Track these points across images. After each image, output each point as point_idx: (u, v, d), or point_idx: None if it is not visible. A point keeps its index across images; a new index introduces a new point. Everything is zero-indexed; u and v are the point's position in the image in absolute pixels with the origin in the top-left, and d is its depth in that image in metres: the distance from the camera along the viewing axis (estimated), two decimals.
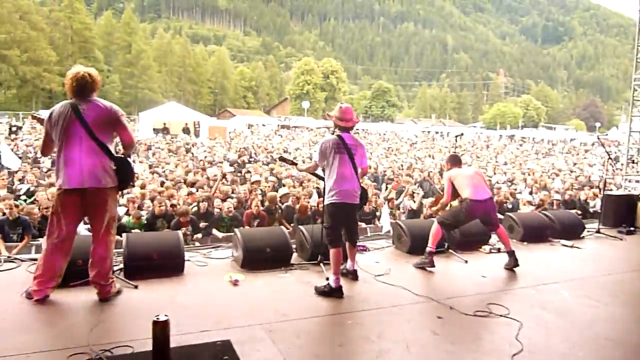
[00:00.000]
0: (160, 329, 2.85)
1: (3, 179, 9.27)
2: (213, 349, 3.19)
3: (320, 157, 4.66)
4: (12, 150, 14.38)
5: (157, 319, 2.86)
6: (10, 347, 3.21)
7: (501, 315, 4.11)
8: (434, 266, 5.43)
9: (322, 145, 4.65)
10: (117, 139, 4.09)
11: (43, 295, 3.92)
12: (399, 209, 9.78)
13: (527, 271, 5.54)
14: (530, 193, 12.13)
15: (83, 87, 3.85)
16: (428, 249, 5.49)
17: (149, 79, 67.35)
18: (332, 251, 4.54)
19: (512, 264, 5.54)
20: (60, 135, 3.81)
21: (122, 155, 4.03)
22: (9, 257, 5.27)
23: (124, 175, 3.96)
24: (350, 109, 4.76)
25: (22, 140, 19.13)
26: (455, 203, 5.85)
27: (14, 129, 24.19)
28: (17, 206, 6.96)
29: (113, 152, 3.93)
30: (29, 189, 9.35)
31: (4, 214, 6.86)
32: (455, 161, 5.84)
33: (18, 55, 51.33)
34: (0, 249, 6.35)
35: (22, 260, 5.08)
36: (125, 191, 7.82)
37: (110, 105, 3.93)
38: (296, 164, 5.55)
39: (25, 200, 8.42)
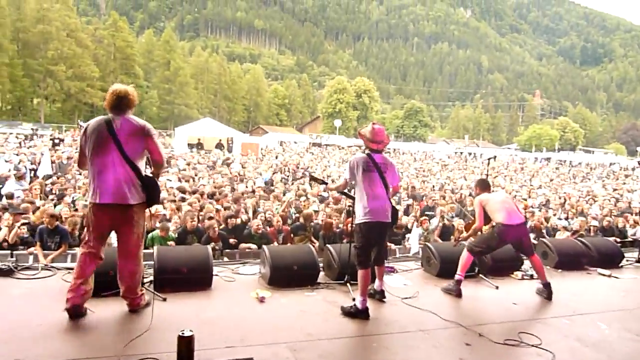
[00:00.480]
0: (186, 344, 2.87)
1: (35, 189, 9.62)
2: None
3: (350, 174, 4.65)
4: (52, 161, 14.95)
5: (183, 334, 2.89)
6: (43, 354, 3.30)
7: (533, 345, 3.97)
8: (460, 296, 5.28)
9: (351, 162, 4.66)
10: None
11: (75, 303, 3.91)
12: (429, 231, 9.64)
13: (561, 300, 5.35)
14: (567, 219, 11.78)
15: (120, 103, 3.90)
16: (457, 277, 5.37)
17: (185, 95, 69.00)
18: (360, 272, 4.50)
19: (546, 296, 5.35)
20: (92, 150, 3.86)
21: (151, 175, 4.05)
22: (45, 265, 5.44)
23: (150, 195, 4.00)
24: (382, 130, 4.73)
25: (63, 152, 19.87)
26: (486, 228, 5.74)
27: (56, 141, 25.15)
28: (54, 216, 7.18)
29: (143, 169, 3.96)
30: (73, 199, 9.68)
31: (42, 222, 7.11)
32: (484, 186, 5.75)
33: (64, 71, 53.52)
34: (39, 257, 6.56)
35: (58, 269, 5.23)
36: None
37: (144, 123, 3.96)
38: (326, 183, 5.57)
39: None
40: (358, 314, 4.38)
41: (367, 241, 4.56)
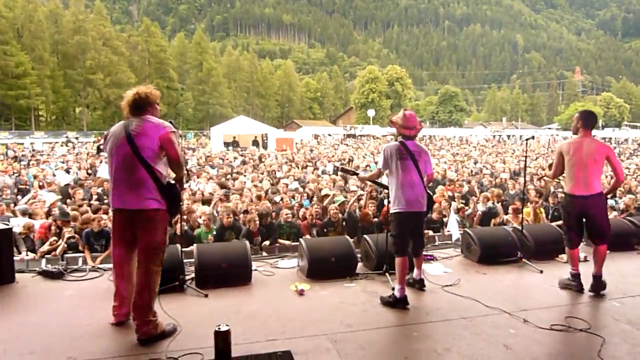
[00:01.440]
0: (222, 339, 2.92)
1: (79, 193, 9.98)
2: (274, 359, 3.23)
3: (384, 163, 4.61)
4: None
5: (219, 329, 2.93)
6: (94, 351, 3.44)
7: (581, 330, 3.84)
8: (582, 290, 4.82)
9: (384, 151, 4.61)
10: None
11: (118, 320, 3.92)
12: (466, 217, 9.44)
13: (610, 282, 5.11)
14: (613, 197, 11.28)
15: (136, 105, 3.76)
16: (572, 271, 4.94)
17: (219, 95, 70.10)
18: (397, 260, 4.47)
19: (594, 290, 4.82)
20: (110, 153, 3.74)
21: (173, 181, 3.79)
22: (93, 266, 5.65)
23: (170, 201, 3.71)
24: (413, 115, 4.68)
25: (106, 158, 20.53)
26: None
27: (101, 147, 26.07)
28: (95, 219, 7.41)
29: (163, 172, 3.71)
30: None
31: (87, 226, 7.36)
32: (587, 122, 4.82)
33: (102, 79, 55.40)
34: (87, 259, 6.82)
35: (105, 270, 5.42)
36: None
37: (161, 121, 3.74)
38: (357, 174, 5.53)
39: None
40: (397, 303, 4.35)
41: (403, 229, 4.52)
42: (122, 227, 3.75)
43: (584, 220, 4.91)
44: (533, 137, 10.18)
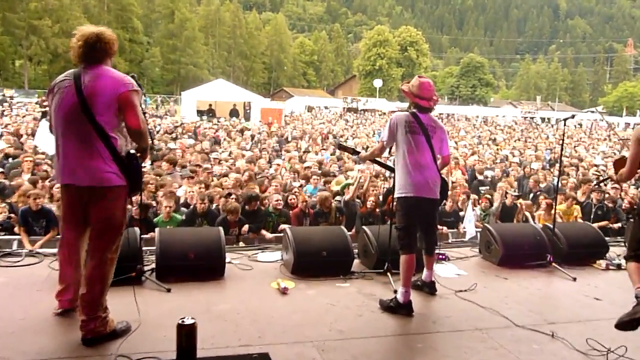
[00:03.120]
0: (186, 334, 2.92)
1: (27, 161, 9.83)
2: None
3: (389, 135, 4.58)
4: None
5: (183, 322, 2.93)
6: (29, 351, 3.42)
7: (611, 351, 3.84)
8: None
9: (391, 121, 4.59)
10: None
11: (63, 307, 3.96)
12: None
13: None
14: None
15: (91, 52, 3.57)
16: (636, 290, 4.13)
17: (193, 52, 69.59)
18: (403, 258, 4.48)
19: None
20: (55, 113, 3.62)
21: (133, 152, 3.66)
22: (30, 251, 5.63)
23: (129, 177, 3.61)
24: (430, 84, 4.67)
25: None
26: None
27: (46, 109, 25.79)
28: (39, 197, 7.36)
29: (122, 141, 3.61)
30: None
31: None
32: None
33: (49, 26, 54.58)
34: (23, 242, 6.79)
35: (45, 255, 5.40)
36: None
37: (122, 76, 3.60)
38: (358, 152, 5.53)
39: None
40: (399, 309, 4.37)
41: (410, 220, 4.53)
42: (72, 206, 3.71)
43: None
44: (573, 117, 9.95)
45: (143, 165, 3.92)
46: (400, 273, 4.49)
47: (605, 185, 9.79)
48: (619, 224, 8.78)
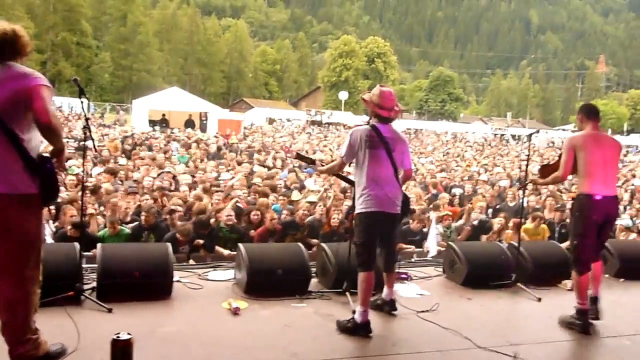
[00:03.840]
0: (121, 352, 2.89)
1: None
2: None
3: (348, 151, 4.65)
4: None
5: (117, 337, 2.90)
6: None
7: None
8: (588, 331, 4.82)
9: (350, 136, 4.66)
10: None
11: None
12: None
13: (621, 316, 5.38)
14: (632, 217, 11.77)
15: (3, 47, 3.41)
16: (577, 306, 4.92)
17: (147, 58, 69.03)
18: (361, 275, 4.52)
19: (592, 315, 5.01)
20: None
21: (46, 155, 3.48)
22: None
23: (43, 183, 3.42)
24: (392, 93, 4.76)
25: None
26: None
27: None
28: None
29: (33, 142, 3.43)
30: None
31: None
32: (589, 115, 5.09)
33: None
34: None
35: None
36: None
37: (31, 72, 3.43)
38: (315, 162, 5.58)
39: None
40: (357, 330, 4.40)
41: (370, 236, 4.59)
42: None
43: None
44: (538, 131, 10.47)
45: (60, 171, 3.72)
46: (358, 292, 4.52)
47: (527, 188, 10.41)
48: None
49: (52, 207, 7.14)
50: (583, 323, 4.85)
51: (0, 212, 3.31)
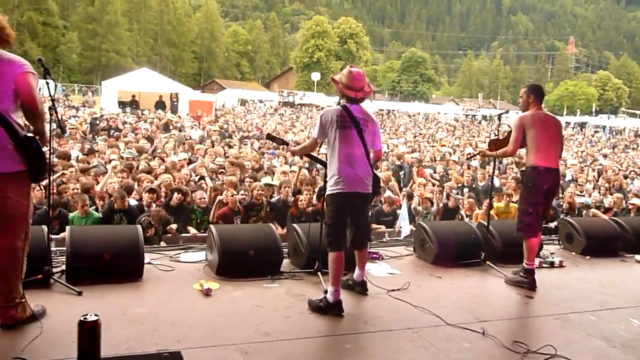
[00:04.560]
0: (88, 333, 2.87)
1: None
2: None
3: (320, 131, 4.65)
4: None
5: (85, 319, 2.89)
6: None
7: (542, 350, 4.06)
8: (534, 288, 5.45)
9: (322, 117, 4.66)
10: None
11: None
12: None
13: (586, 292, 5.54)
14: (602, 196, 12.02)
15: None
16: (526, 266, 5.54)
17: (116, 39, 67.88)
18: (331, 255, 4.55)
19: (527, 286, 5.50)
20: None
21: (31, 135, 3.72)
22: None
23: (31, 161, 3.67)
24: (361, 74, 4.76)
25: None
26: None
27: None
28: None
29: (20, 123, 3.68)
30: None
31: None
32: (537, 95, 5.62)
33: None
34: None
35: None
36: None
37: (18, 59, 3.70)
38: (287, 143, 5.57)
39: None
40: (329, 309, 4.44)
41: (340, 217, 4.61)
42: None
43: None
44: (507, 112, 10.77)
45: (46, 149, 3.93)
46: (329, 272, 4.56)
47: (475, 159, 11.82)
48: (555, 223, 9.20)
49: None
50: (530, 281, 5.46)
51: None
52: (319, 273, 5.29)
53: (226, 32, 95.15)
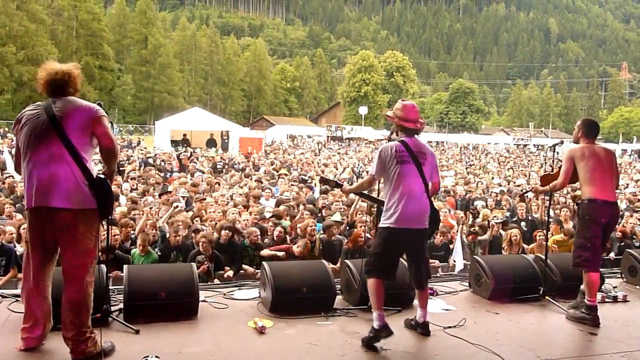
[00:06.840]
0: None
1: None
2: None
3: (379, 167, 4.61)
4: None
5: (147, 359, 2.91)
6: None
7: None
8: (598, 325, 5.18)
9: (381, 152, 4.62)
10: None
11: (29, 345, 4.01)
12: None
13: None
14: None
15: (60, 87, 3.96)
16: (587, 303, 5.28)
17: (168, 80, 69.94)
18: (369, 282, 4.54)
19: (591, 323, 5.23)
20: (27, 142, 3.88)
21: (102, 175, 4.01)
22: None
23: (101, 199, 3.90)
24: (415, 105, 4.77)
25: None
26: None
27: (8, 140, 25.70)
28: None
29: (92, 165, 3.93)
30: None
31: None
32: (589, 131, 5.51)
33: (14, 53, 54.55)
34: None
35: (3, 297, 5.31)
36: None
37: (91, 104, 4.01)
38: (341, 185, 5.56)
39: None
40: (378, 336, 4.39)
41: (387, 250, 4.57)
42: (40, 231, 3.90)
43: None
44: (562, 142, 10.50)
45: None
46: (370, 299, 4.53)
47: (527, 196, 11.33)
48: (612, 254, 8.89)
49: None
50: (593, 318, 5.20)
51: (72, 226, 3.82)
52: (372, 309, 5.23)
53: (274, 70, 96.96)
